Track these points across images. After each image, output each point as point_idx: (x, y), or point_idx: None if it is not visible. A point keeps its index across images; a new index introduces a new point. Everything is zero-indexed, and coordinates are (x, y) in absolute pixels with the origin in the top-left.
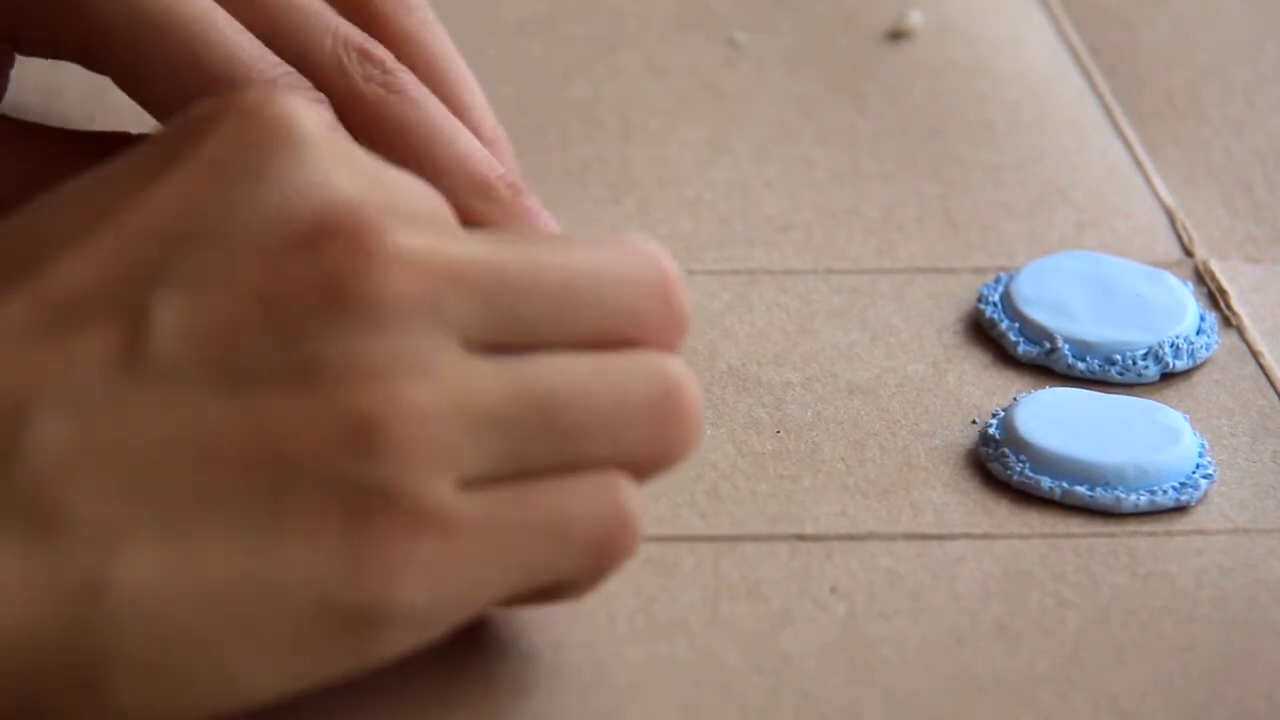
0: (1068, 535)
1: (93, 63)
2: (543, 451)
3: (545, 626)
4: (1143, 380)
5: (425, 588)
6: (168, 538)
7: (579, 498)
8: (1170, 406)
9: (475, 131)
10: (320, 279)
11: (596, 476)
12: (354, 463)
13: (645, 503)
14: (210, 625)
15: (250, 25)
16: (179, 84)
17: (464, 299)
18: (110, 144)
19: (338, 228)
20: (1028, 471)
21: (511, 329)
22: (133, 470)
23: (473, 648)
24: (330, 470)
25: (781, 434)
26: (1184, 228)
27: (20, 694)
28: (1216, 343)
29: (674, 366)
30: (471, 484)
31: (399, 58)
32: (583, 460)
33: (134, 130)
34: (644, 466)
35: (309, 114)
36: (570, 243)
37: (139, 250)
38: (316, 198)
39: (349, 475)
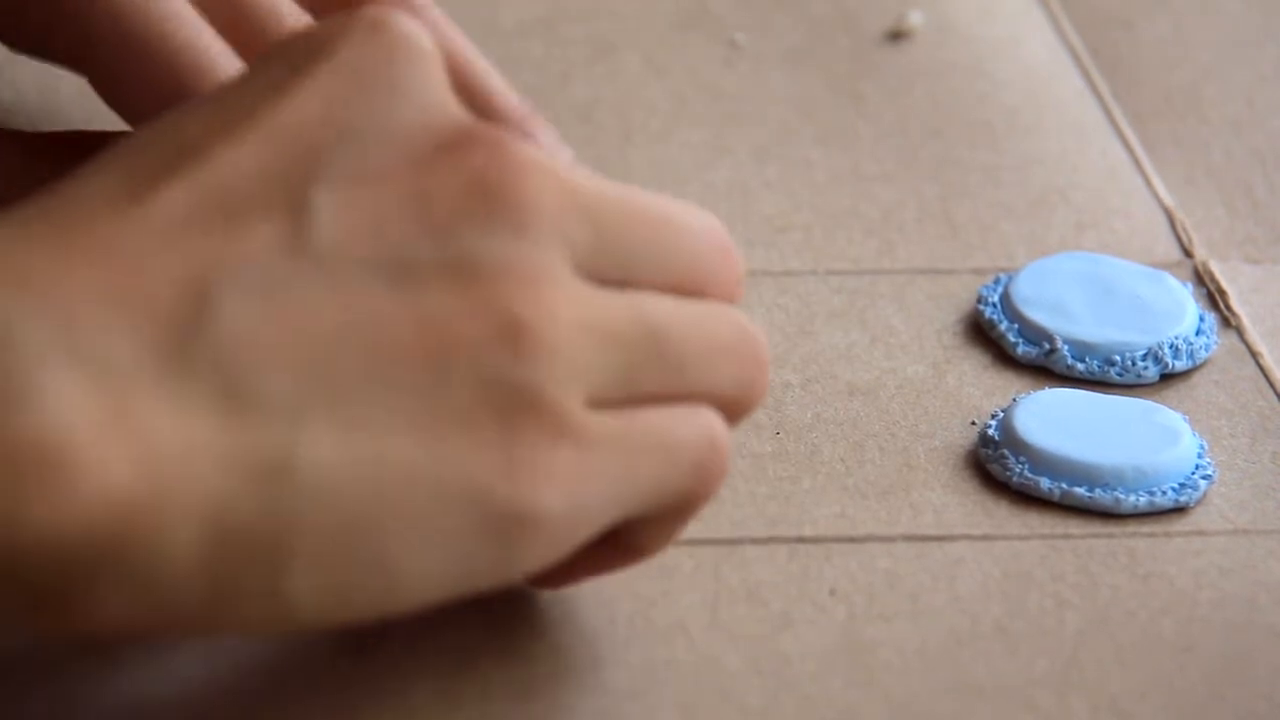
0: (1067, 536)
1: (79, 70)
2: (651, 378)
3: (545, 629)
4: (1142, 381)
5: (565, 496)
6: (345, 423)
7: (682, 423)
8: (1169, 407)
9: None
10: (469, 179)
11: (693, 407)
12: (506, 361)
13: (726, 440)
14: (383, 515)
15: (245, 53)
16: (163, 106)
17: (582, 221)
18: (85, 143)
19: (479, 136)
20: (1027, 472)
21: (613, 261)
22: (310, 353)
23: (472, 650)
24: (486, 367)
25: (781, 435)
26: (1183, 228)
27: (208, 569)
28: (1216, 343)
29: (742, 315)
30: (595, 402)
31: None
32: (682, 392)
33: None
34: (730, 406)
35: (427, 33)
36: (648, 192)
37: (289, 146)
38: (452, 109)
39: (502, 373)
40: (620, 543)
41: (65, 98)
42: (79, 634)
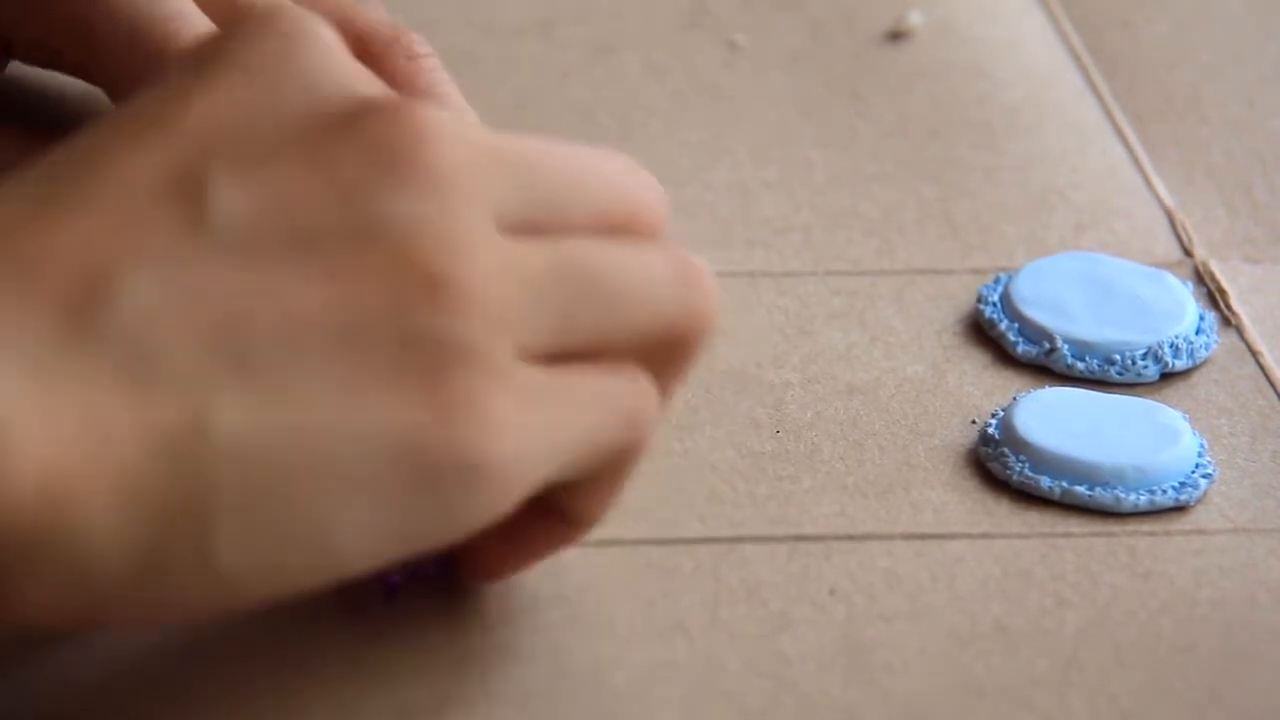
0: (1067, 535)
1: (88, 79)
2: (586, 321)
3: (544, 631)
4: (1142, 380)
5: (505, 441)
6: (257, 390)
7: (610, 376)
8: (1170, 406)
9: None
10: (369, 146)
11: (619, 364)
12: (428, 317)
13: (655, 391)
14: (304, 470)
15: None
16: None
17: (498, 177)
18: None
19: (379, 106)
20: (1027, 471)
21: (536, 210)
22: (215, 326)
23: (471, 652)
24: (406, 326)
25: (781, 435)
26: (1183, 228)
27: (132, 542)
28: (1216, 343)
29: (677, 249)
30: (527, 355)
31: None
32: (622, 330)
33: None
34: (678, 337)
35: (321, 20)
36: (558, 140)
37: (187, 145)
38: (350, 85)
39: (425, 330)
40: (559, 515)
41: (68, 100)
42: (11, 625)
